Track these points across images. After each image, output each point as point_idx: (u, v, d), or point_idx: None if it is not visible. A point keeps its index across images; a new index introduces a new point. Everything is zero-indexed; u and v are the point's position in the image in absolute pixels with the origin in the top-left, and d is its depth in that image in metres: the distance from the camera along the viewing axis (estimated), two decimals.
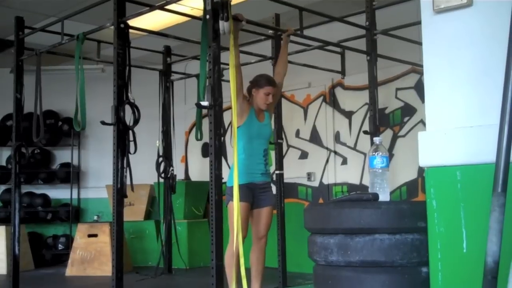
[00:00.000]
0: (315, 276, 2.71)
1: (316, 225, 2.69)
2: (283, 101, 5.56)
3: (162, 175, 6.32)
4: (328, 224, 2.58)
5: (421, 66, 2.33)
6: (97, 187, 7.99)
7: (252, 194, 3.92)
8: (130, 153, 4.35)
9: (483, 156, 2.03)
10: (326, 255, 2.54)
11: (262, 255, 4.05)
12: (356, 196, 2.69)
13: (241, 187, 3.71)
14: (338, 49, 5.70)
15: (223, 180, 3.64)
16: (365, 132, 5.18)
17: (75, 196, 8.12)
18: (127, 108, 4.37)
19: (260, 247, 4.03)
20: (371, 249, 2.42)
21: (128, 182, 4.36)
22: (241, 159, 3.86)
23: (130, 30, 4.48)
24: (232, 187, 3.71)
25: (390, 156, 5.64)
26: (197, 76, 5.02)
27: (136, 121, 4.44)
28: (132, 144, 4.37)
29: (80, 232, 6.68)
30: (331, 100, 6.43)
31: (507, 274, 1.79)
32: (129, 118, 4.40)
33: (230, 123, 3.73)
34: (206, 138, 3.68)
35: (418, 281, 2.42)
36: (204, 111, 3.76)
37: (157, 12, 4.75)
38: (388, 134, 5.81)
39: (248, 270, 3.59)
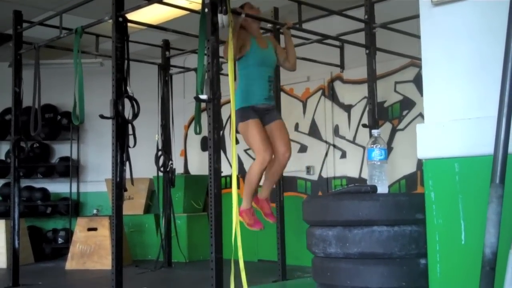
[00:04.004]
0: (313, 268, 2.72)
1: (315, 217, 2.70)
2: (282, 94, 5.55)
3: (161, 169, 6.33)
4: (327, 216, 2.58)
5: (420, 59, 2.33)
6: (96, 181, 8.00)
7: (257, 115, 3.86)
8: (130, 147, 4.36)
9: (481, 148, 2.03)
10: (325, 247, 2.55)
11: (281, 170, 4.00)
12: (354, 188, 2.70)
13: (244, 108, 3.71)
14: (337, 43, 5.70)
15: (222, 174, 3.66)
16: (364, 126, 5.18)
17: (74, 190, 8.13)
18: (126, 102, 4.38)
19: (282, 163, 3.95)
20: (369, 241, 2.43)
21: (127, 176, 4.37)
22: (241, 85, 3.82)
23: (129, 24, 4.48)
24: (240, 109, 3.70)
25: (389, 149, 5.65)
26: (196, 70, 5.02)
27: (135, 115, 4.44)
28: (131, 138, 4.38)
29: (79, 226, 6.69)
30: (330, 93, 6.43)
31: (505, 265, 1.79)
32: (128, 112, 4.41)
33: (229, 117, 3.72)
34: (205, 132, 3.68)
35: (417, 273, 2.43)
36: (203, 105, 3.76)
37: (156, 6, 4.74)
38: (387, 127, 5.81)
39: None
